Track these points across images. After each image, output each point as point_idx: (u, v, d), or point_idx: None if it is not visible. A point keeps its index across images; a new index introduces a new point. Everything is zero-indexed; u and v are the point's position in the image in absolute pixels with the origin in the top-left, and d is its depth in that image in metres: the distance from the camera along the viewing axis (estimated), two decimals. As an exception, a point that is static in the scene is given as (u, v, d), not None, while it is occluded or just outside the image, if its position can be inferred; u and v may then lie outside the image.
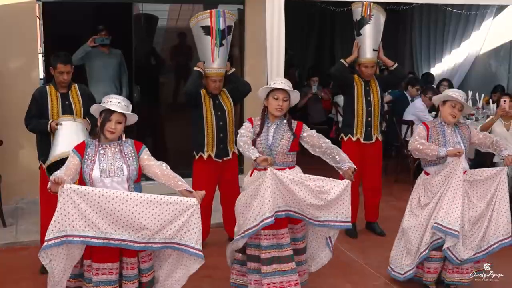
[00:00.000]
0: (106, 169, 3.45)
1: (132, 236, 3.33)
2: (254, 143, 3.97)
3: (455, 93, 4.32)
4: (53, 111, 4.65)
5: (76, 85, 4.80)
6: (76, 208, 3.25)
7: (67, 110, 4.68)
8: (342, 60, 5.55)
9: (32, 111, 4.72)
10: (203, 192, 3.49)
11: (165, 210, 3.35)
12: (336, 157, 3.98)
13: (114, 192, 3.30)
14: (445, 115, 4.33)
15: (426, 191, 4.35)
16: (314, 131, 4.16)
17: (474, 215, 4.26)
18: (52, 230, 3.25)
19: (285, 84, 4.01)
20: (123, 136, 3.62)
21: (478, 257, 4.30)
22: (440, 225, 4.16)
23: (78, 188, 3.26)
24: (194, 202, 3.40)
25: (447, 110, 4.32)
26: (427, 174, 4.38)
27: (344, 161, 3.96)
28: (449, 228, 4.13)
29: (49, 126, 4.56)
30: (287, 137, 4.01)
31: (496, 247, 4.30)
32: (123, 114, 3.52)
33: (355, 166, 3.95)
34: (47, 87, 4.73)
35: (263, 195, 3.69)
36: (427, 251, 4.28)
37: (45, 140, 4.71)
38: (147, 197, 3.34)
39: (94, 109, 3.60)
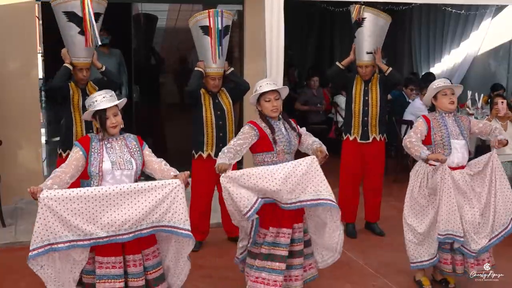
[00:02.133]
0: (116, 162, 3.45)
1: (119, 230, 3.30)
2: (275, 141, 3.91)
3: (438, 84, 4.33)
4: (74, 102, 4.87)
5: (91, 81, 5.04)
6: (55, 216, 3.21)
7: None
8: (337, 63, 5.58)
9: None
10: (187, 172, 3.49)
11: (148, 197, 3.34)
12: (314, 146, 3.99)
13: (92, 191, 3.26)
14: (444, 106, 4.30)
15: (429, 182, 4.28)
16: (304, 128, 4.17)
17: (480, 205, 4.24)
18: (35, 241, 3.22)
19: (272, 84, 4.00)
20: (122, 123, 3.61)
21: (494, 242, 4.26)
22: (442, 235, 4.18)
23: (55, 195, 3.22)
24: (176, 183, 3.40)
25: (442, 101, 4.30)
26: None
27: (318, 145, 3.95)
28: (453, 235, 4.16)
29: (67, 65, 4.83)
30: (294, 136, 4.03)
31: (510, 228, 4.25)
32: (115, 105, 3.52)
33: (326, 152, 3.91)
34: (68, 84, 4.91)
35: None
36: (436, 257, 4.30)
37: (69, 129, 4.89)
38: (127, 188, 3.32)
39: (86, 116, 3.59)
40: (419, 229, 4.30)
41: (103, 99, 3.49)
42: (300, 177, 3.74)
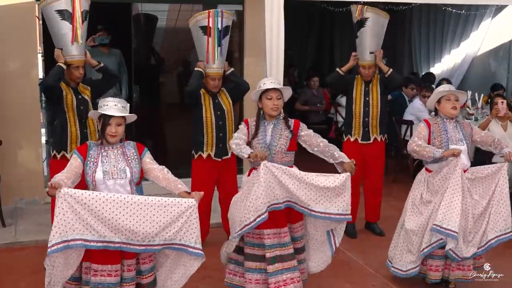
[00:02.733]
0: (109, 171, 3.45)
1: (132, 239, 3.32)
2: (250, 144, 3.97)
3: (444, 88, 4.34)
4: (68, 103, 4.81)
5: (80, 82, 4.97)
6: (74, 213, 3.24)
7: (81, 102, 4.86)
8: (337, 69, 5.58)
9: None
10: (201, 192, 3.49)
11: (163, 213, 3.34)
12: (335, 153, 4.01)
13: (111, 196, 3.28)
14: (446, 112, 4.31)
15: (428, 188, 4.32)
16: (311, 130, 4.16)
17: (477, 212, 4.25)
18: (54, 236, 3.23)
19: (276, 83, 4.02)
20: (124, 136, 3.61)
21: (478, 253, 4.29)
22: (439, 226, 4.13)
23: (75, 193, 3.24)
24: (192, 202, 3.39)
25: (445, 106, 4.31)
26: (429, 171, 4.36)
27: (343, 157, 4.00)
28: (448, 230, 4.11)
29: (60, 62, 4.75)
30: (285, 136, 4.02)
31: (494, 242, 4.27)
32: (123, 117, 3.51)
33: (353, 163, 3.97)
34: (59, 84, 4.83)
35: (256, 191, 3.69)
36: (428, 248, 4.26)
37: (64, 130, 4.82)
38: (145, 200, 3.33)
39: (92, 114, 3.60)
40: (407, 226, 4.32)
41: (114, 106, 3.49)
42: (330, 191, 3.82)
